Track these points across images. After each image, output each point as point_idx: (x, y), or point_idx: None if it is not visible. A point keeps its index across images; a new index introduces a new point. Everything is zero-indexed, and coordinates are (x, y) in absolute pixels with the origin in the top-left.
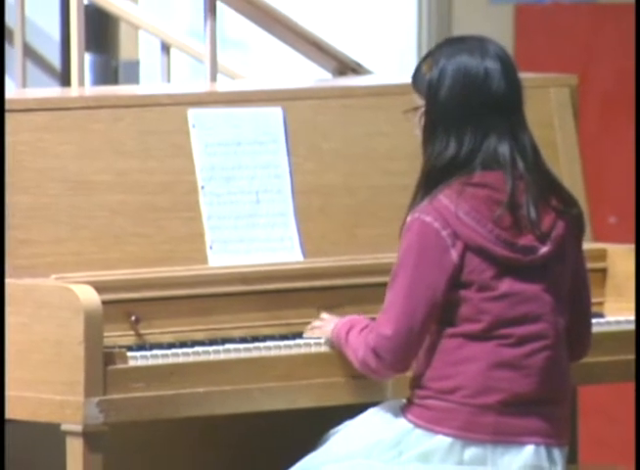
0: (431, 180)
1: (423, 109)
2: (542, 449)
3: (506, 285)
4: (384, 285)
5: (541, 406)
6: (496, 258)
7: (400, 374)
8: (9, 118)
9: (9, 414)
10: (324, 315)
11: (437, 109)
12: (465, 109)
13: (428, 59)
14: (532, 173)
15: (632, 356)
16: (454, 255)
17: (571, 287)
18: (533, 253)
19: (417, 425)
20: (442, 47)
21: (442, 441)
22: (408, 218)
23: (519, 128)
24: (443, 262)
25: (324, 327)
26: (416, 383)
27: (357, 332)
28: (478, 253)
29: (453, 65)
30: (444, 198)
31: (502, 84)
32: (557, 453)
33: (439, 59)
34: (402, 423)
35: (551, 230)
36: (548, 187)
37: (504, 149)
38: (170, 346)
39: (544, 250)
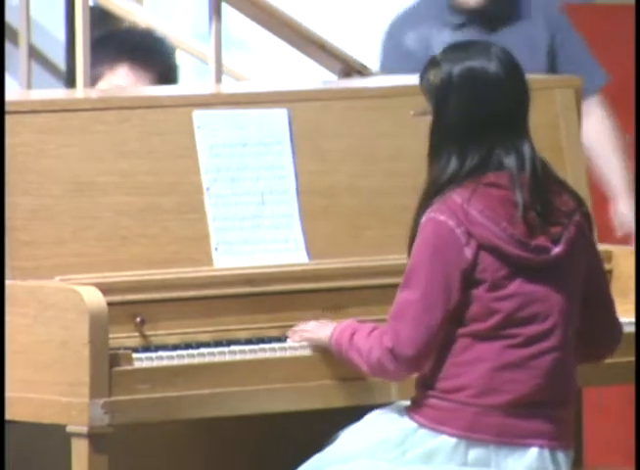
0: (437, 195)
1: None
2: (546, 452)
3: (517, 284)
4: (389, 286)
5: (547, 408)
6: (509, 257)
7: (414, 374)
8: (14, 120)
9: (13, 415)
10: (312, 323)
11: (446, 116)
12: (472, 116)
13: (434, 65)
14: (539, 177)
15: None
16: (468, 253)
17: (587, 288)
18: (546, 253)
19: (421, 424)
20: (447, 53)
21: (446, 441)
22: (422, 219)
23: (524, 137)
24: (458, 260)
25: (316, 332)
26: (421, 382)
27: (365, 335)
28: (491, 251)
29: (459, 70)
30: (457, 197)
31: (509, 89)
32: (561, 457)
33: (444, 64)
34: (407, 422)
35: (563, 232)
36: (557, 189)
37: (510, 160)
38: (175, 347)
39: (556, 250)
